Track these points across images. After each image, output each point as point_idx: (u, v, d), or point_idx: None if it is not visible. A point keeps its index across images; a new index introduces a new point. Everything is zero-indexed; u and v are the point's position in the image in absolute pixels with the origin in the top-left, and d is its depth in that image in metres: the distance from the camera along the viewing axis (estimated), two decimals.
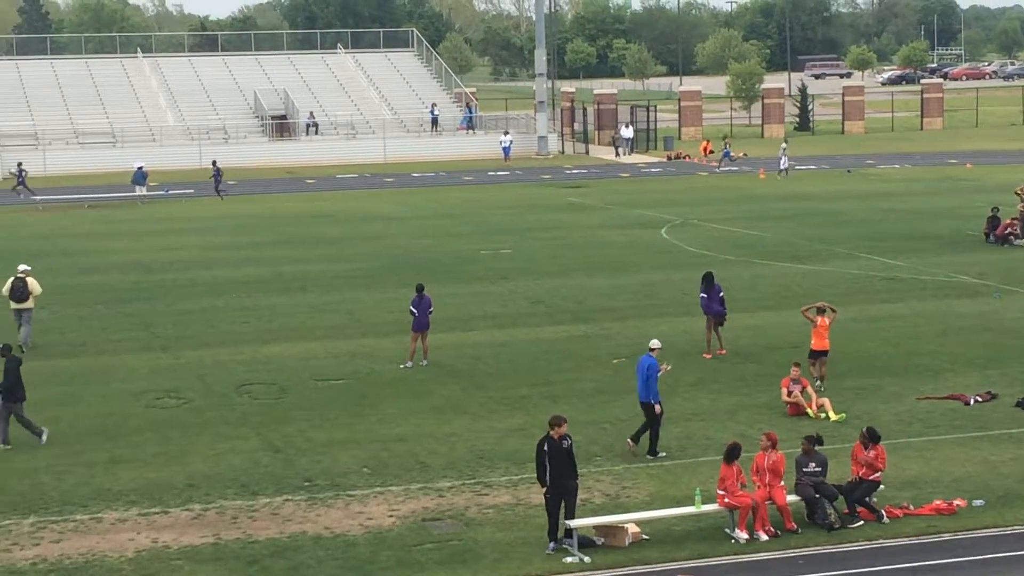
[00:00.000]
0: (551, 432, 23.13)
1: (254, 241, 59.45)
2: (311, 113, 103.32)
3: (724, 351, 35.90)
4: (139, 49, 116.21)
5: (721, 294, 36.29)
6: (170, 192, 78.84)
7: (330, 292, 46.62)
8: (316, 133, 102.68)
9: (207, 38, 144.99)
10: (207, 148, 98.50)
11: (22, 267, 39.77)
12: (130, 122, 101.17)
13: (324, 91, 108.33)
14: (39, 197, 76.42)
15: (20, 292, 38.41)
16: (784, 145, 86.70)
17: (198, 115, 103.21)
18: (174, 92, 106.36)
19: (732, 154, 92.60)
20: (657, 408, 27.85)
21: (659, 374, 28.18)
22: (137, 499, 25.62)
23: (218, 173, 77.83)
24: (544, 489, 23.07)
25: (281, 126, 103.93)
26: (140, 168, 78.08)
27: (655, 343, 28.98)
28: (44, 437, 29.19)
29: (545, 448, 23.03)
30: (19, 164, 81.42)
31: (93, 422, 30.89)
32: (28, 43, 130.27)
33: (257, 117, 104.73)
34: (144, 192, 77.12)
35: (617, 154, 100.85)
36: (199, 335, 40.06)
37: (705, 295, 36.28)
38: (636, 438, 28.10)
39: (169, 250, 57.03)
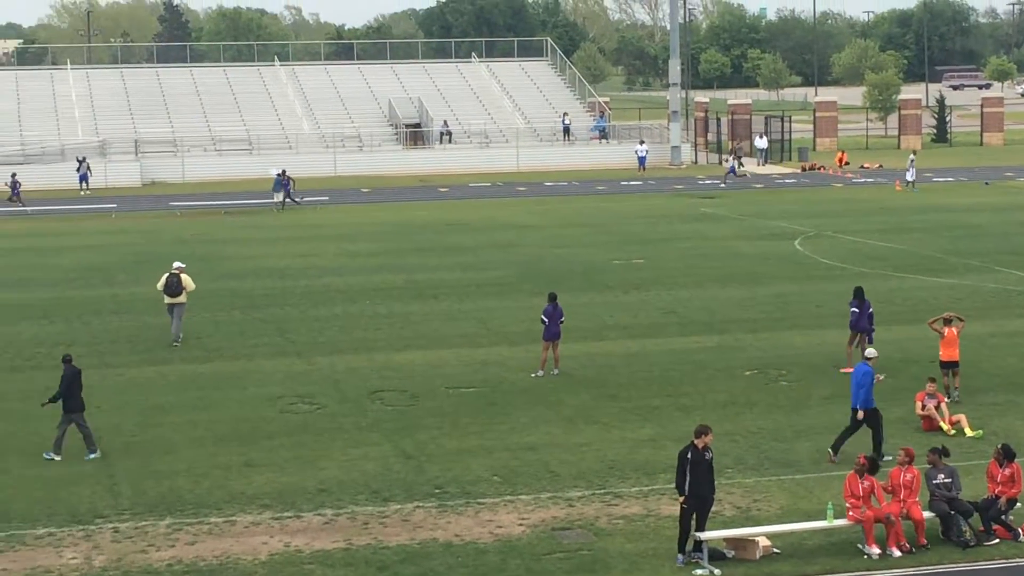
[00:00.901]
0: (695, 441, 22.98)
1: (387, 248, 59.89)
2: (445, 122, 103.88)
3: None
4: (276, 57, 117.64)
5: (871, 310, 35.77)
6: (304, 199, 79.65)
7: (462, 300, 46.82)
8: (450, 141, 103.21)
9: (343, 47, 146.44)
10: (341, 156, 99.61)
11: (177, 264, 41.48)
12: (266, 129, 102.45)
13: (458, 100, 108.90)
14: (31, 209, 77.93)
15: (174, 287, 40.26)
16: (912, 157, 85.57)
17: (333, 123, 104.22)
18: (310, 100, 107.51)
19: (737, 170, 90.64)
20: (860, 414, 28.14)
21: (874, 383, 28.44)
22: (271, 503, 25.90)
23: (288, 183, 77.84)
24: (682, 499, 22.91)
25: (415, 134, 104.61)
26: (279, 175, 78.97)
27: (871, 352, 29.60)
28: (93, 455, 28.92)
29: (688, 456, 22.89)
30: (13, 175, 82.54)
31: (229, 426, 31.28)
32: (168, 51, 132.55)
33: (391, 125, 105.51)
34: (280, 199, 77.98)
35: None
36: (333, 341, 40.43)
37: (856, 310, 35.62)
38: (836, 448, 28.05)
39: (303, 256, 57.66)
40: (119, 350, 39.54)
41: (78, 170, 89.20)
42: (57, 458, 28.73)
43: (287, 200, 77.16)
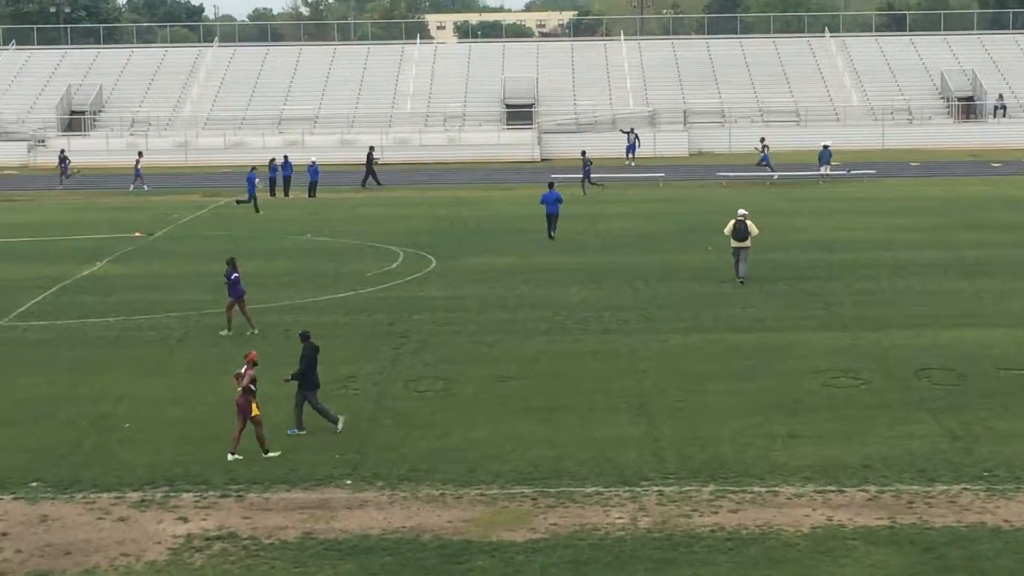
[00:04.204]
0: None
1: (936, 224, 58.57)
2: (1000, 95, 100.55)
3: None
4: (826, 28, 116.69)
5: None
6: (851, 172, 78.88)
7: (1015, 279, 45.21)
8: (1004, 116, 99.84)
9: (894, 17, 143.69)
10: (890, 129, 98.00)
11: (741, 211, 45.71)
12: (814, 101, 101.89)
13: (1014, 72, 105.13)
14: (63, 185, 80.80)
15: (741, 232, 44.93)
16: None
17: (882, 95, 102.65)
18: (859, 71, 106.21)
19: (771, 161, 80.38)
20: None
21: None
22: (813, 476, 25.77)
23: (587, 164, 74.80)
24: None
25: (967, 108, 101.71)
26: (826, 147, 78.48)
27: None
28: (340, 425, 28.83)
29: None
30: (62, 151, 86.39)
31: (772, 397, 31.31)
32: (718, 22, 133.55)
33: (943, 98, 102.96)
34: (826, 171, 77.49)
35: None
36: (878, 316, 39.81)
37: None
38: None
39: (849, 230, 57.09)
40: (665, 316, 40.22)
41: (627, 140, 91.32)
42: (302, 432, 28.67)
43: (587, 182, 73.36)
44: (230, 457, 27.11)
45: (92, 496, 25.08)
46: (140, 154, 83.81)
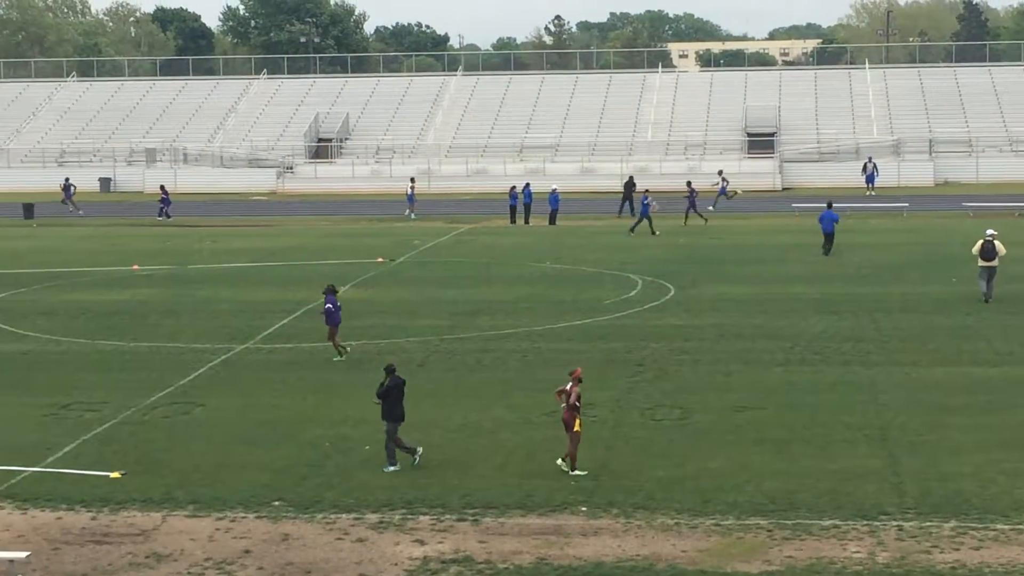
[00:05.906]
0: None
1: None
2: None
3: None
4: None
5: None
6: None
7: None
8: None
9: None
10: None
11: (989, 231, 47.51)
12: None
13: None
14: (83, 212, 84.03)
15: (989, 252, 46.20)
16: None
17: None
18: None
19: (729, 190, 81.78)
20: None
21: None
22: None
23: (692, 194, 74.30)
24: None
25: None
26: None
27: None
28: (418, 457, 28.45)
29: None
30: (67, 179, 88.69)
31: (1018, 432, 30.31)
32: (966, 50, 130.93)
33: None
34: None
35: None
36: None
37: None
38: None
39: None
40: (907, 348, 39.49)
41: (864, 171, 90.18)
42: (396, 468, 28.31)
43: (691, 212, 73.92)
44: (572, 473, 27.58)
45: (332, 516, 25.57)
46: (412, 180, 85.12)
